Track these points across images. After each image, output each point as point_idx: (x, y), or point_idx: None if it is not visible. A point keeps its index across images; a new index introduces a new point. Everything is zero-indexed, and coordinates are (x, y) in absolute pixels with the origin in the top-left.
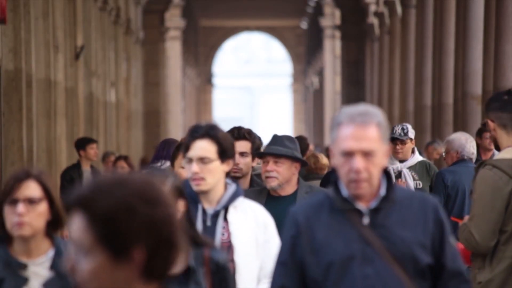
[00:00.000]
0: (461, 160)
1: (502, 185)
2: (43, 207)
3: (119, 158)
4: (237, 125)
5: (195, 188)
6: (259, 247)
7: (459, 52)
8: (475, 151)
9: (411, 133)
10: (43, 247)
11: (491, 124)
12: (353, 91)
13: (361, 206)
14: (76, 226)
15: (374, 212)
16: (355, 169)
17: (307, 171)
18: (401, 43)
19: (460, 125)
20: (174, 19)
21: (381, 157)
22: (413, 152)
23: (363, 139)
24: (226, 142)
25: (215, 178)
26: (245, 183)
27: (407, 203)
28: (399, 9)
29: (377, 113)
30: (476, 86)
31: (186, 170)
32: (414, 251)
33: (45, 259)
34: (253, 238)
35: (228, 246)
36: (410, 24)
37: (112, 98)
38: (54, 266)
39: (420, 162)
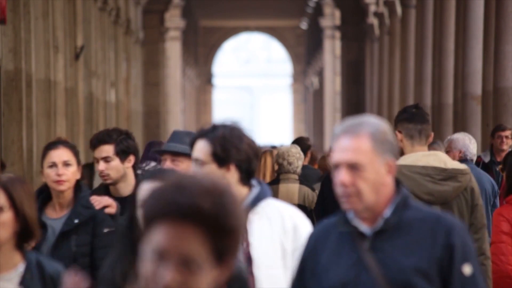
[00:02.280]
0: (463, 160)
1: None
2: (7, 217)
3: None
4: None
5: None
6: (288, 257)
7: (459, 52)
8: (476, 152)
9: None
10: (12, 261)
11: (398, 135)
12: (353, 91)
13: (365, 228)
14: (187, 240)
15: (377, 235)
16: (339, 182)
17: (323, 171)
18: (401, 43)
19: (460, 125)
20: (174, 19)
21: (375, 172)
22: None
23: (349, 151)
24: (224, 145)
25: None
26: (128, 185)
27: (417, 225)
28: (399, 9)
29: (373, 124)
30: (476, 86)
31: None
32: (413, 280)
33: (14, 274)
34: (278, 248)
35: (248, 258)
36: (410, 24)
37: (112, 98)
38: (24, 282)
39: None
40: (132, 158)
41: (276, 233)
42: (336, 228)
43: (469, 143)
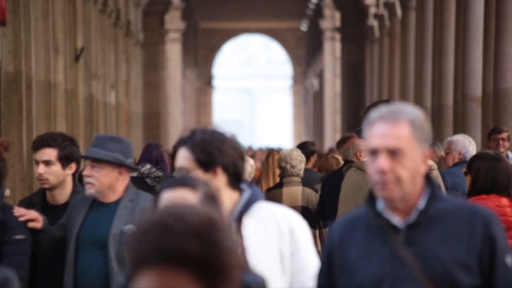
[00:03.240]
0: (463, 161)
1: (363, 184)
2: None
3: None
4: (235, 127)
5: None
6: (286, 261)
7: (459, 54)
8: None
9: None
10: None
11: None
12: (353, 93)
13: (397, 220)
14: (177, 285)
15: (411, 227)
16: (379, 169)
17: (325, 172)
18: (401, 45)
19: (460, 126)
20: (174, 21)
21: (414, 160)
22: None
23: (389, 136)
24: (206, 149)
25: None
26: (64, 193)
27: (452, 217)
28: (399, 11)
29: (412, 112)
30: (476, 87)
31: None
32: (453, 272)
33: None
34: (275, 252)
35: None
36: (410, 26)
37: (112, 100)
38: None
39: None
40: (73, 166)
41: (272, 237)
42: (362, 221)
43: (469, 145)
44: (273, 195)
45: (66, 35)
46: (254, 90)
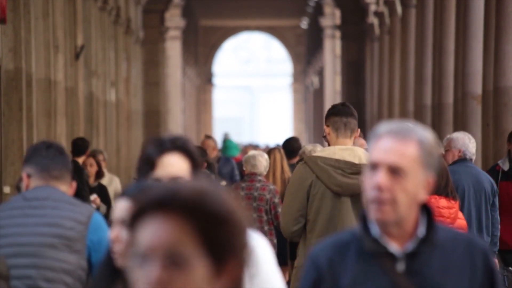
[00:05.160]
0: (462, 159)
1: (305, 178)
2: None
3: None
4: (235, 125)
5: None
6: (246, 284)
7: (459, 52)
8: (475, 152)
9: None
10: None
11: (326, 129)
12: (353, 91)
13: (395, 248)
14: (171, 230)
15: (410, 256)
16: (375, 185)
17: None
18: (401, 43)
19: (460, 125)
20: (174, 19)
21: (415, 183)
22: None
23: (394, 153)
24: (198, 156)
25: None
26: None
27: (450, 247)
28: (399, 9)
29: (422, 133)
30: (476, 86)
31: None
32: None
33: None
34: None
35: None
36: (410, 24)
37: (112, 97)
38: None
39: None
40: None
41: None
42: (352, 246)
43: (469, 143)
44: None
45: (66, 33)
46: (254, 88)
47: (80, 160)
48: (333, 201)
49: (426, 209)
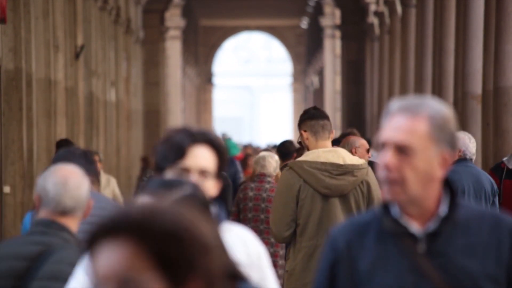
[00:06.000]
0: (463, 159)
1: (292, 183)
2: None
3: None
4: (235, 125)
5: None
6: None
7: (459, 52)
8: (475, 151)
9: None
10: None
11: (304, 134)
12: (353, 91)
13: (416, 228)
14: (122, 256)
15: (432, 236)
16: (383, 165)
17: None
18: (401, 42)
19: (460, 125)
20: (174, 19)
21: (426, 161)
22: None
23: (401, 131)
24: (226, 154)
25: None
26: None
27: (475, 225)
28: (399, 8)
29: (435, 107)
30: (476, 85)
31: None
32: (483, 287)
33: None
34: None
35: None
36: (410, 23)
37: (112, 97)
38: None
39: None
40: None
41: (242, 262)
42: (371, 227)
43: (469, 142)
44: None
45: (66, 33)
46: (254, 88)
47: None
48: (322, 203)
49: (449, 187)
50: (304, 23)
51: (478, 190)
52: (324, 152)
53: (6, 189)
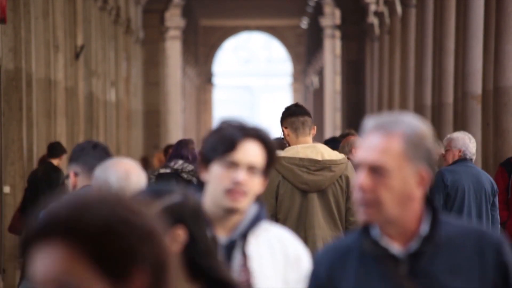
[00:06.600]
0: (463, 159)
1: (271, 179)
2: None
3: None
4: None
5: (231, 204)
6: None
7: (459, 52)
8: (475, 152)
9: None
10: None
11: (285, 131)
12: (353, 91)
13: (397, 249)
14: (57, 260)
15: (414, 256)
16: (357, 186)
17: None
18: (401, 42)
19: (460, 124)
20: (174, 19)
21: (402, 180)
22: None
23: (374, 150)
24: (275, 151)
25: (252, 198)
26: None
27: (458, 243)
28: (399, 8)
29: (410, 124)
30: (476, 85)
31: (218, 175)
32: None
33: None
34: (280, 279)
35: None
36: (410, 23)
37: (112, 97)
38: None
39: None
40: None
41: (278, 262)
42: (353, 250)
43: (469, 142)
44: None
45: (66, 33)
46: (254, 88)
47: (55, 162)
48: (301, 198)
49: (431, 205)
50: (304, 23)
51: (478, 190)
52: (303, 148)
53: (6, 189)
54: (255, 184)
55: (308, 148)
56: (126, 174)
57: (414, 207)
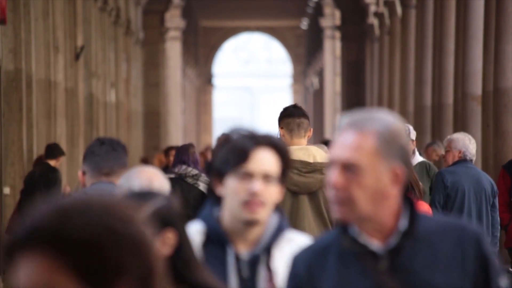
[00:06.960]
0: (463, 160)
1: None
2: None
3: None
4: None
5: (249, 216)
6: None
7: (459, 52)
8: (475, 153)
9: (413, 135)
10: None
11: (281, 131)
12: (353, 92)
13: (376, 245)
14: (39, 271)
15: (393, 252)
16: (330, 184)
17: None
18: (401, 43)
19: (460, 125)
20: (174, 20)
21: (375, 178)
22: (413, 153)
23: (346, 148)
24: (289, 157)
25: (271, 207)
26: None
27: (438, 237)
28: (399, 9)
29: (383, 121)
30: (476, 86)
31: (231, 188)
32: None
33: None
34: None
35: None
36: (410, 24)
37: (112, 98)
38: None
39: (420, 163)
40: None
41: None
42: (332, 248)
43: (469, 143)
44: None
45: (66, 34)
46: (254, 89)
47: (52, 162)
48: (292, 200)
49: (408, 201)
50: (304, 24)
51: (478, 191)
52: (296, 150)
53: (6, 190)
54: (272, 193)
55: (301, 150)
56: (149, 181)
57: (389, 204)
